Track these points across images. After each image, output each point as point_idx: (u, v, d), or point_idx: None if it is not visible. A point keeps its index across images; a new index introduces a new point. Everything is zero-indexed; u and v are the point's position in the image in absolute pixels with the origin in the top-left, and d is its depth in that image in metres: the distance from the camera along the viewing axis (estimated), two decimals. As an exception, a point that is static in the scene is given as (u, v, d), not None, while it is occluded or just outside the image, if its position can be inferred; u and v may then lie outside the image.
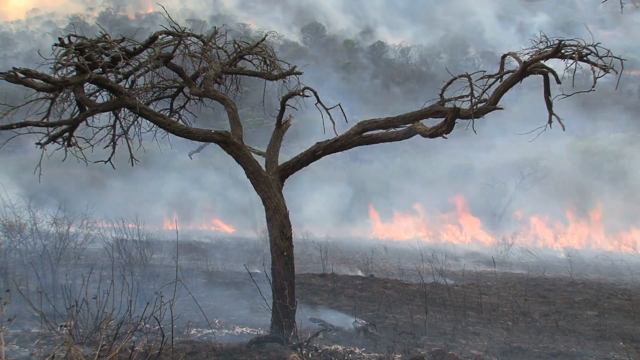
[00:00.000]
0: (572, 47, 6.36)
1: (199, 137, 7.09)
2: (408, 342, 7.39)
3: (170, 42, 7.09)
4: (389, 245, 22.59)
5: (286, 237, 7.03)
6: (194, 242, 21.33)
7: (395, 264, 15.97)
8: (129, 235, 11.36)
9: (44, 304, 7.09)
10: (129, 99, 6.58)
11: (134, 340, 6.14)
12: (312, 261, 17.19)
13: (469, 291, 11.87)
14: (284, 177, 7.31)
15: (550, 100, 6.73)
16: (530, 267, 16.88)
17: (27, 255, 10.11)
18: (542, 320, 9.39)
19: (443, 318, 9.05)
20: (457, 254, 21.38)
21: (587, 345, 7.80)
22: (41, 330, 6.79)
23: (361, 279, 12.91)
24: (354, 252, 20.97)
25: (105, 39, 6.35)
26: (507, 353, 7.04)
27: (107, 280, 6.85)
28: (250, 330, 7.98)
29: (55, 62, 5.96)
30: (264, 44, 8.09)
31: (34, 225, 11.05)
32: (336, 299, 10.48)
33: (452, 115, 6.48)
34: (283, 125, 7.65)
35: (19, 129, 6.06)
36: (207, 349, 6.56)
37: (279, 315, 6.80)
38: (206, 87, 7.55)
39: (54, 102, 6.44)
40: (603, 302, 11.25)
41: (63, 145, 6.79)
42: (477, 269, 16.31)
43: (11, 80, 5.65)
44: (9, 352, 6.23)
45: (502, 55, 6.96)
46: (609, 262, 19.05)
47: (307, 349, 6.65)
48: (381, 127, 7.15)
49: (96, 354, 4.61)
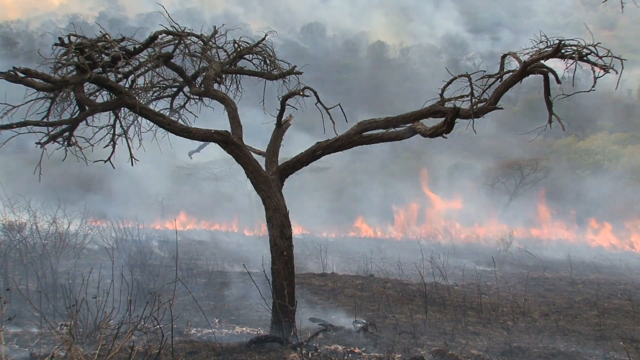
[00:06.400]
0: (572, 47, 6.35)
1: (199, 137, 7.08)
2: (408, 342, 7.39)
3: (170, 42, 7.08)
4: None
5: (286, 237, 7.02)
6: (194, 241, 21.34)
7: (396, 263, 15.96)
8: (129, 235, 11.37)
9: (43, 304, 7.10)
10: (129, 98, 6.57)
11: (133, 339, 6.15)
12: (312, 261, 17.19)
13: (468, 291, 11.88)
14: (284, 177, 7.30)
15: (550, 100, 6.72)
16: (530, 267, 16.89)
17: (27, 254, 10.11)
18: (542, 320, 9.39)
19: (443, 318, 9.05)
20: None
21: (587, 345, 7.80)
22: (41, 330, 6.78)
23: (361, 278, 12.90)
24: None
25: (105, 39, 6.34)
26: (507, 353, 7.04)
27: (107, 280, 6.85)
28: (250, 330, 7.98)
29: (55, 61, 5.96)
30: (264, 43, 8.09)
31: (34, 224, 11.06)
32: (336, 299, 10.49)
33: (452, 115, 6.47)
34: (283, 125, 7.65)
35: (19, 128, 6.06)
36: (207, 348, 6.55)
37: (278, 315, 6.80)
38: (206, 86, 7.54)
39: (54, 102, 6.44)
40: (603, 302, 11.25)
41: (63, 144, 6.79)
42: (477, 269, 16.31)
43: (11, 79, 5.65)
44: (9, 351, 6.23)
45: (502, 55, 6.95)
46: (608, 262, 19.06)
47: (307, 348, 6.65)
48: (381, 127, 7.15)
49: (96, 353, 4.61)
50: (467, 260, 18.33)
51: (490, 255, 16.00)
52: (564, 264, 17.19)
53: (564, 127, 6.70)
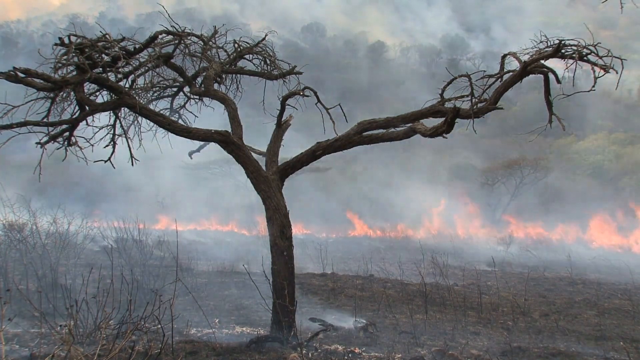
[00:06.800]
0: (572, 47, 6.34)
1: (199, 136, 7.08)
2: (408, 342, 7.38)
3: (170, 42, 7.08)
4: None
5: (286, 237, 7.02)
6: (194, 241, 21.33)
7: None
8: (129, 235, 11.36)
9: (43, 304, 7.11)
10: (129, 98, 6.57)
11: (134, 339, 6.15)
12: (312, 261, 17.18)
13: (469, 291, 11.88)
14: (284, 176, 7.30)
15: (550, 100, 6.72)
16: (530, 267, 16.89)
17: (27, 254, 10.10)
18: (542, 320, 9.39)
19: (443, 318, 9.05)
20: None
21: (587, 345, 7.80)
22: (41, 329, 6.78)
23: (361, 278, 12.91)
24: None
25: (105, 39, 6.34)
26: (507, 353, 7.03)
27: (107, 280, 6.85)
28: (250, 330, 7.98)
29: (55, 61, 5.96)
30: (264, 43, 8.09)
31: (34, 224, 11.04)
32: (336, 299, 10.49)
33: (452, 115, 6.47)
34: (283, 125, 7.65)
35: (19, 128, 6.05)
36: (207, 348, 6.55)
37: (278, 315, 6.80)
38: (206, 86, 7.54)
39: (54, 102, 6.43)
40: (603, 302, 11.25)
41: (63, 144, 6.78)
42: (477, 269, 16.31)
43: (11, 79, 5.64)
44: (9, 351, 6.23)
45: (502, 55, 6.95)
46: (608, 262, 19.05)
47: (307, 348, 6.65)
48: (381, 127, 7.15)
49: (96, 353, 4.61)
50: (468, 261, 18.33)
51: (490, 255, 16.00)
52: (564, 264, 17.19)
53: (564, 127, 6.69)
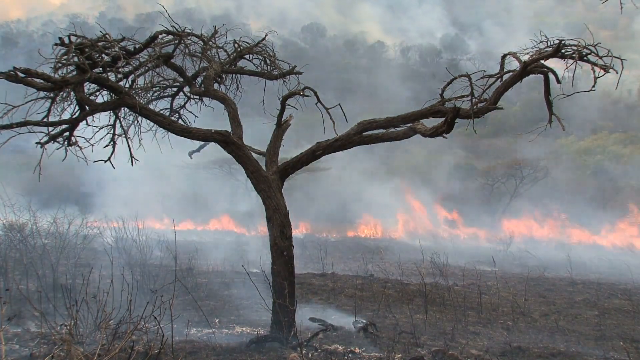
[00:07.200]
0: (572, 46, 6.34)
1: (199, 136, 7.08)
2: (408, 342, 7.38)
3: (170, 42, 7.08)
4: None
5: (286, 237, 7.02)
6: (193, 241, 21.32)
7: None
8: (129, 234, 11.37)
9: (43, 304, 7.10)
10: (129, 98, 6.57)
11: (133, 339, 6.14)
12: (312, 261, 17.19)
13: (469, 291, 11.88)
14: (284, 176, 7.30)
15: (550, 100, 6.72)
16: (530, 267, 16.88)
17: (27, 255, 10.10)
18: (542, 320, 9.40)
19: (443, 318, 9.05)
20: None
21: (587, 345, 7.80)
22: (41, 329, 6.78)
23: (361, 278, 12.90)
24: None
25: (105, 39, 6.34)
26: (507, 353, 7.03)
27: (107, 280, 6.84)
28: (250, 330, 7.98)
29: (55, 61, 5.95)
30: (264, 43, 8.09)
31: (34, 224, 11.04)
32: (336, 299, 10.48)
33: (452, 115, 6.47)
34: (283, 125, 7.64)
35: (19, 128, 6.05)
36: (207, 348, 6.55)
37: (278, 315, 6.80)
38: (206, 86, 7.54)
39: (54, 102, 6.43)
40: (603, 302, 11.25)
41: (63, 144, 6.78)
42: (477, 269, 16.31)
43: (11, 79, 5.64)
44: (9, 351, 6.23)
45: (502, 55, 6.95)
46: (608, 262, 19.07)
47: (307, 348, 6.65)
48: (381, 127, 7.14)
49: (96, 353, 4.61)
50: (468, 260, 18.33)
51: (490, 255, 15.99)
52: (564, 264, 17.19)
53: (564, 127, 6.69)
